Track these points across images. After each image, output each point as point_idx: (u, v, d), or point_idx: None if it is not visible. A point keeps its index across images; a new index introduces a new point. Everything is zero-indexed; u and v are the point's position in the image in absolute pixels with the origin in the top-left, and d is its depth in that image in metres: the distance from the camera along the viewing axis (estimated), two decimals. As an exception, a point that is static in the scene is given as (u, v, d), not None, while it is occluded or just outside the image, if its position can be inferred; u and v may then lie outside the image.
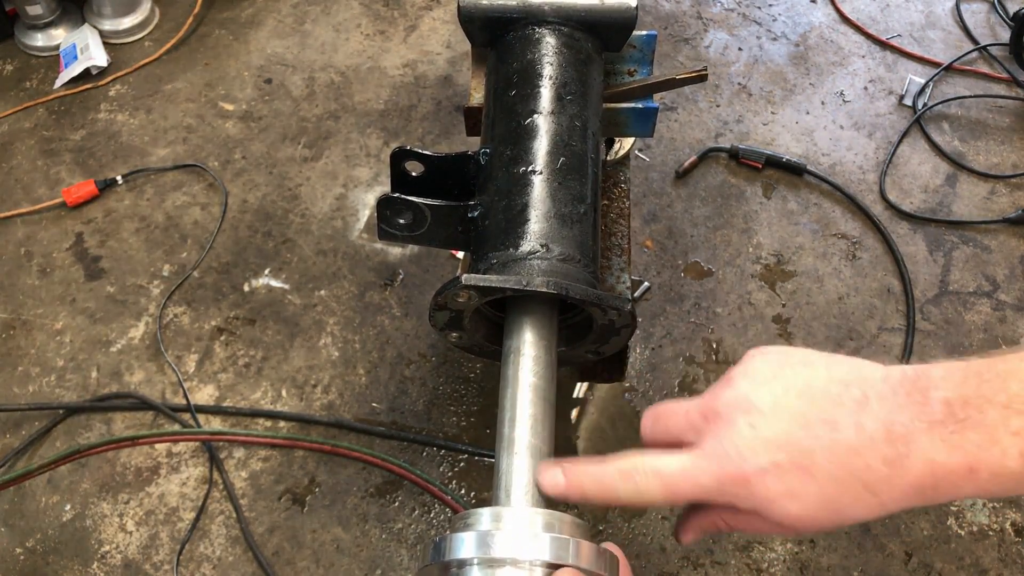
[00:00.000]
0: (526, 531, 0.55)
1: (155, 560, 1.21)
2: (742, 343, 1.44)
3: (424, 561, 0.58)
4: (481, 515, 0.57)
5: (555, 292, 0.69)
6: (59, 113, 1.75)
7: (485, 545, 0.54)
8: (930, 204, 1.65)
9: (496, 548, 0.54)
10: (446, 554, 0.55)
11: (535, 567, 0.53)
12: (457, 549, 0.55)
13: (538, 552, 0.53)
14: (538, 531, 0.55)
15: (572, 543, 0.54)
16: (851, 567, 1.23)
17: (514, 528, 0.55)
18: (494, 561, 0.54)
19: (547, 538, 0.54)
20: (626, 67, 1.00)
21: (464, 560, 0.54)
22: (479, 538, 0.55)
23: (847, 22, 2.00)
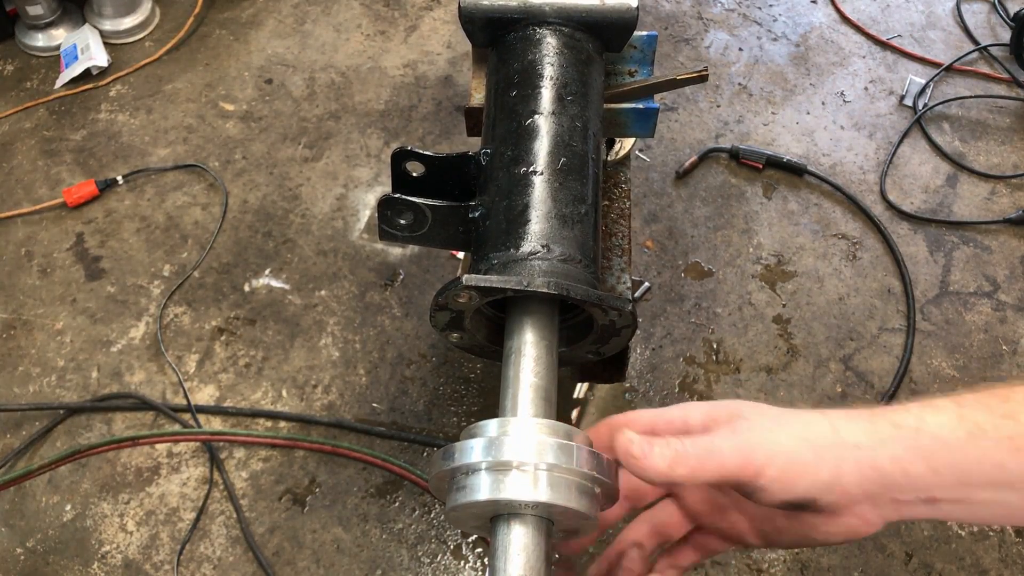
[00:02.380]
0: (532, 435, 0.57)
1: (155, 560, 1.21)
2: (742, 343, 1.44)
3: (434, 469, 0.60)
4: (488, 424, 0.59)
5: (556, 293, 0.69)
6: (60, 113, 1.75)
7: (493, 449, 0.56)
8: (930, 204, 1.65)
9: (504, 452, 0.55)
10: (455, 460, 0.57)
11: (540, 470, 0.55)
12: (466, 454, 0.57)
13: (544, 455, 0.55)
14: (543, 435, 0.57)
15: (575, 448, 0.56)
16: (851, 567, 1.23)
17: (520, 434, 0.57)
18: (501, 464, 0.55)
19: (552, 442, 0.56)
20: (627, 67, 1.00)
21: (472, 465, 0.56)
22: (487, 443, 0.57)
23: (847, 22, 2.00)
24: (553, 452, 0.55)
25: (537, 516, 0.56)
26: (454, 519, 0.59)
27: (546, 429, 0.58)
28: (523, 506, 0.55)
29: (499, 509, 0.56)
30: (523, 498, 0.54)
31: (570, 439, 0.57)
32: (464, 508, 0.56)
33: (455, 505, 0.57)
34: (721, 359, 1.43)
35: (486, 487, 0.55)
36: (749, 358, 1.43)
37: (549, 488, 0.55)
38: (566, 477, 0.55)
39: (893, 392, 1.39)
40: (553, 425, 0.59)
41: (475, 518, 0.58)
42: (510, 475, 0.55)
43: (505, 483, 0.55)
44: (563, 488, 0.55)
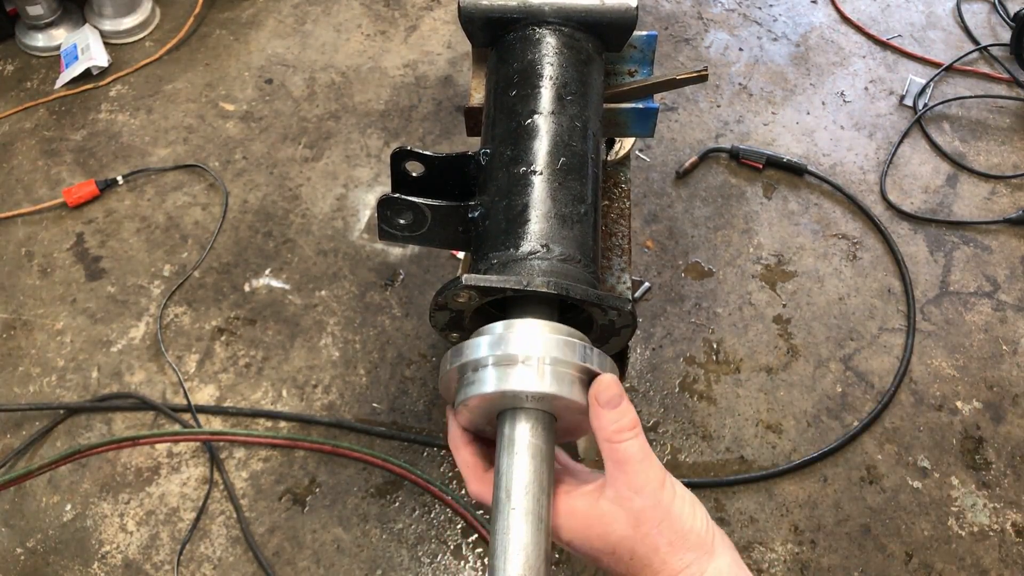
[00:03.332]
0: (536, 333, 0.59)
1: (155, 560, 1.21)
2: (743, 343, 1.44)
3: (444, 367, 0.61)
4: (495, 326, 0.61)
5: (555, 292, 0.69)
6: (60, 113, 1.75)
7: (498, 345, 0.58)
8: (931, 204, 1.65)
9: (510, 347, 0.57)
10: (462, 356, 0.59)
11: (545, 364, 0.57)
12: (472, 351, 0.58)
13: (548, 350, 0.57)
14: (547, 332, 0.59)
15: (578, 344, 0.58)
16: (851, 567, 1.23)
17: (525, 331, 0.59)
18: (507, 358, 0.57)
19: (556, 338, 0.58)
20: (627, 67, 1.00)
21: (479, 360, 0.58)
22: (492, 340, 0.58)
23: (848, 22, 2.00)
24: (556, 347, 0.57)
25: (541, 410, 0.58)
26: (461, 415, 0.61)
27: (549, 328, 0.60)
28: (527, 398, 0.57)
29: (504, 402, 0.58)
30: (528, 389, 0.56)
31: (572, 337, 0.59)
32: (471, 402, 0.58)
33: (463, 399, 0.58)
34: (721, 359, 1.43)
35: (492, 380, 0.57)
36: (749, 358, 1.43)
37: (553, 381, 0.56)
38: (569, 371, 0.57)
39: (893, 392, 1.39)
40: (556, 325, 0.61)
41: (481, 414, 0.60)
42: (516, 368, 0.57)
43: (511, 376, 0.56)
44: (566, 381, 0.57)
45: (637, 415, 0.57)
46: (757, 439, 1.34)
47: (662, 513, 0.55)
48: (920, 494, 1.30)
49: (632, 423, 0.57)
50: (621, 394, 0.58)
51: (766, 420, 1.36)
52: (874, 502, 1.29)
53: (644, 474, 0.55)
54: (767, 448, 1.33)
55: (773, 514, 1.27)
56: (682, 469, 1.31)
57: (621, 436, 0.56)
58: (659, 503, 0.55)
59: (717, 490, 1.29)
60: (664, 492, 0.56)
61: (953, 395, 1.40)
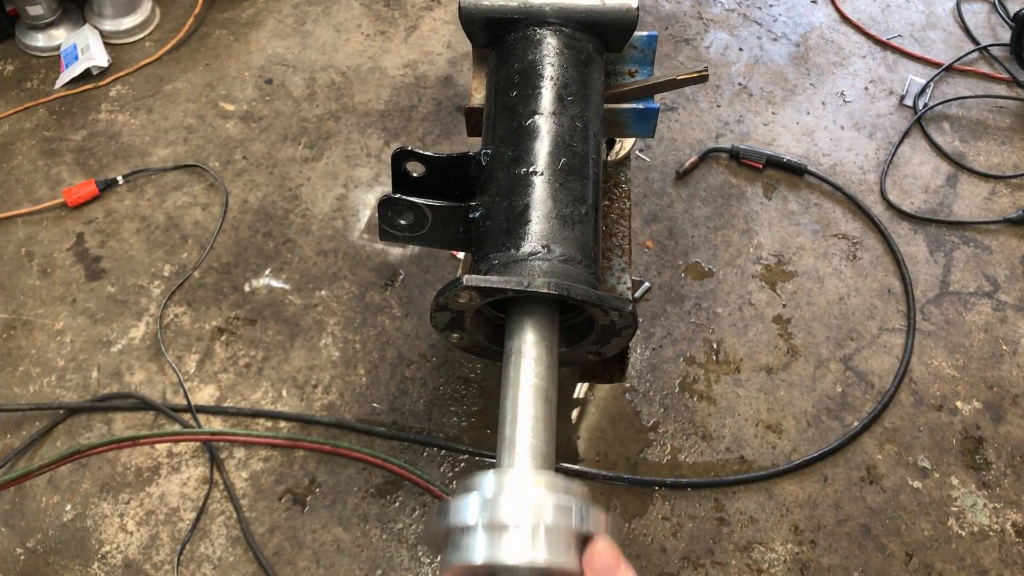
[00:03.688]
0: (528, 495, 0.56)
1: (155, 560, 1.21)
2: (743, 343, 1.44)
3: (430, 525, 0.59)
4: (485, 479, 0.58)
5: (556, 293, 0.69)
6: (60, 113, 1.75)
7: (488, 508, 0.55)
8: (931, 204, 1.65)
9: (500, 513, 0.55)
10: (451, 518, 0.56)
11: (538, 531, 0.54)
12: (461, 513, 0.56)
13: (541, 516, 0.54)
14: (540, 494, 0.56)
15: (573, 506, 0.55)
16: (851, 567, 1.23)
17: (516, 492, 0.56)
18: (498, 524, 0.54)
19: (550, 501, 0.55)
20: (627, 68, 1.00)
21: (468, 525, 0.55)
22: (482, 502, 0.55)
23: (848, 22, 2.00)
24: (550, 512, 0.54)
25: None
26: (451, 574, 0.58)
27: (543, 485, 0.56)
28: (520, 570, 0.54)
29: (496, 572, 0.55)
30: (520, 563, 0.53)
31: (568, 494, 0.56)
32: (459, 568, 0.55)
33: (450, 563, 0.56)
34: (721, 359, 1.43)
35: (482, 549, 0.54)
36: (749, 358, 1.43)
37: (547, 549, 0.54)
38: (564, 538, 0.54)
39: (893, 392, 1.39)
40: (550, 479, 0.57)
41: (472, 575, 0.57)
42: (506, 536, 0.54)
43: (502, 545, 0.54)
44: (562, 548, 0.54)
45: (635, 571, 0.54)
46: (757, 439, 1.34)
47: None
48: (920, 494, 1.30)
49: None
50: (618, 560, 0.54)
51: (766, 420, 1.36)
52: (874, 502, 1.29)
53: None
54: (767, 448, 1.33)
55: (773, 514, 1.27)
56: (682, 469, 1.31)
57: None
58: None
59: (717, 490, 1.29)
60: None
61: (953, 395, 1.40)
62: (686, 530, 1.26)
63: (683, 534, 1.25)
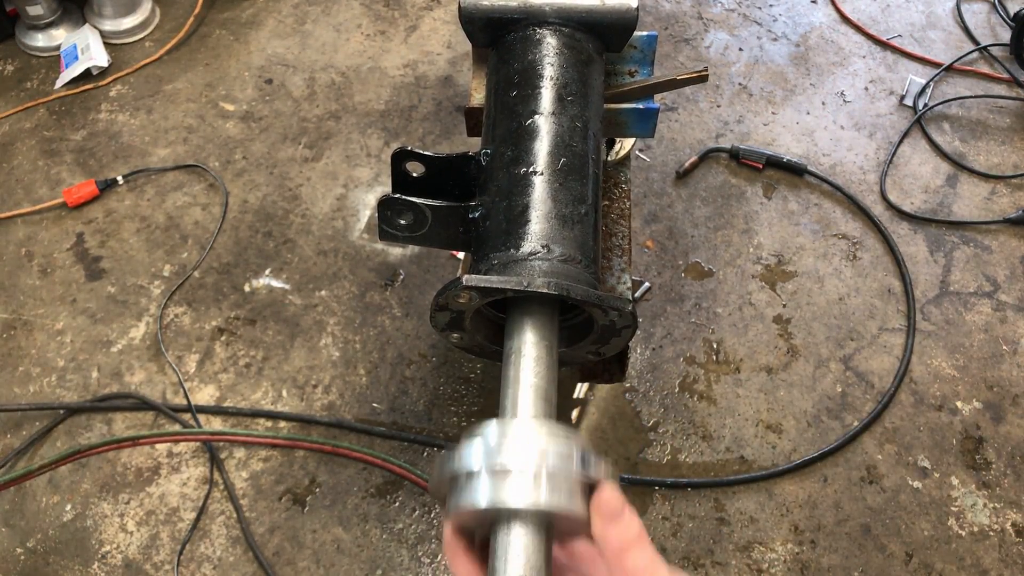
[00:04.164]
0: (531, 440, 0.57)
1: (155, 560, 1.21)
2: (743, 343, 1.44)
3: (435, 474, 0.60)
4: (488, 427, 0.59)
5: (556, 293, 0.69)
6: (60, 113, 1.75)
7: (492, 454, 0.56)
8: (931, 204, 1.65)
9: (503, 456, 0.56)
10: (455, 464, 0.57)
11: (541, 475, 0.55)
12: (465, 459, 0.57)
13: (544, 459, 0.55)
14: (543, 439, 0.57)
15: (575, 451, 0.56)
16: (852, 567, 1.23)
17: (520, 438, 0.57)
18: (502, 469, 0.56)
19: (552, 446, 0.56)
20: (627, 67, 1.00)
21: (472, 470, 0.56)
22: (487, 448, 0.57)
23: (848, 22, 2.00)
24: (553, 456, 0.56)
25: (537, 520, 0.56)
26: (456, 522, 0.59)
27: (545, 431, 0.58)
28: (524, 512, 0.55)
29: (500, 515, 0.56)
30: (523, 504, 0.54)
31: (568, 440, 0.57)
32: (464, 513, 0.56)
33: (455, 511, 0.57)
34: (721, 359, 1.43)
35: (486, 492, 0.55)
36: (749, 358, 1.43)
37: (549, 492, 0.55)
38: (566, 482, 0.55)
39: (893, 392, 1.39)
40: (551, 426, 0.59)
41: (475, 523, 0.58)
42: (510, 479, 0.55)
43: (505, 488, 0.55)
44: (563, 492, 0.55)
45: (641, 523, 0.55)
46: (757, 439, 1.34)
47: None
48: (920, 494, 1.30)
49: (637, 534, 0.55)
50: (623, 505, 0.56)
51: (766, 420, 1.36)
52: (874, 502, 1.29)
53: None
54: (767, 448, 1.33)
55: (773, 514, 1.27)
56: (682, 469, 1.31)
57: (627, 550, 0.54)
58: None
59: (717, 490, 1.29)
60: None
61: (953, 395, 1.40)
62: (686, 530, 1.26)
63: (683, 534, 1.25)
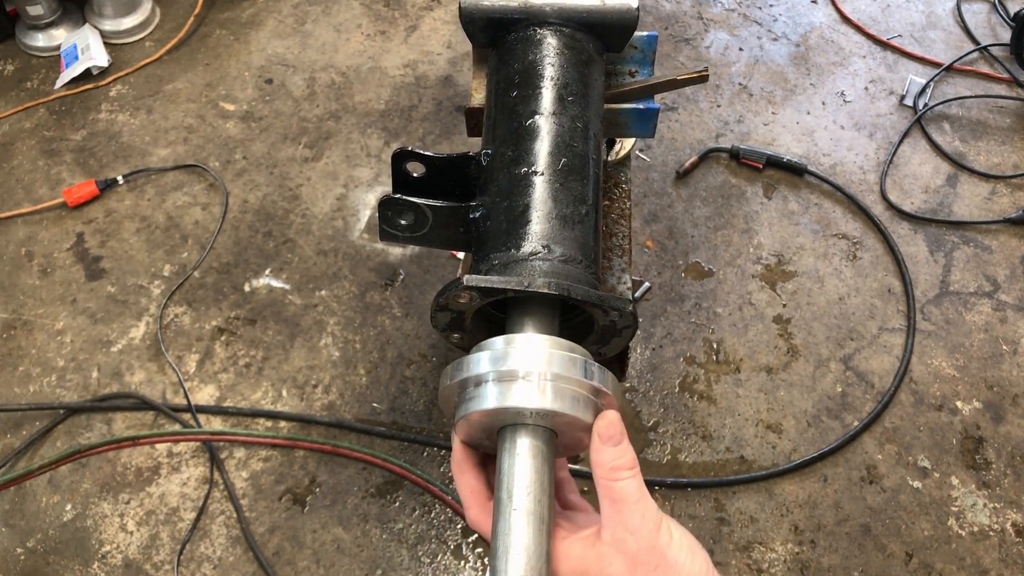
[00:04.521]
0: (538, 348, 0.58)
1: (156, 560, 1.21)
2: (743, 343, 1.44)
3: (444, 382, 0.61)
4: (496, 340, 0.60)
5: (557, 293, 0.69)
6: (60, 113, 1.75)
7: (499, 360, 0.57)
8: (931, 204, 1.65)
9: (510, 363, 0.57)
10: (463, 372, 0.58)
11: (546, 380, 0.56)
12: (473, 366, 0.58)
13: (549, 366, 0.57)
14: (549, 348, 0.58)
15: (579, 360, 0.58)
16: (852, 567, 1.23)
17: (527, 346, 0.59)
18: (508, 374, 0.57)
19: (558, 354, 0.58)
20: (627, 68, 1.00)
21: (480, 376, 0.58)
22: (493, 355, 0.58)
23: (848, 22, 2.00)
24: (558, 363, 0.57)
25: (542, 425, 0.57)
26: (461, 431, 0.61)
27: (551, 343, 0.59)
28: (529, 414, 0.56)
29: (506, 418, 0.57)
30: (529, 405, 0.56)
31: (574, 351, 0.59)
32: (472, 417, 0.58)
33: (463, 415, 0.58)
34: (721, 359, 1.43)
35: (493, 396, 0.56)
36: (749, 358, 1.43)
37: (554, 397, 0.56)
38: (570, 388, 0.57)
39: (893, 392, 1.39)
40: (558, 340, 0.60)
41: (481, 430, 0.60)
42: (516, 384, 0.56)
43: (512, 392, 0.56)
44: (567, 398, 0.57)
45: (636, 456, 0.57)
46: (757, 439, 1.34)
47: (658, 557, 0.55)
48: (920, 494, 1.30)
49: (631, 463, 0.56)
50: (623, 432, 0.58)
51: (766, 420, 1.36)
52: (874, 502, 1.29)
53: (639, 515, 0.55)
54: (767, 448, 1.33)
55: (773, 514, 1.27)
56: (682, 469, 1.31)
57: (618, 474, 0.56)
58: (655, 547, 0.55)
59: (717, 490, 1.29)
60: (660, 535, 0.55)
61: (953, 395, 1.40)
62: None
63: (683, 534, 1.25)
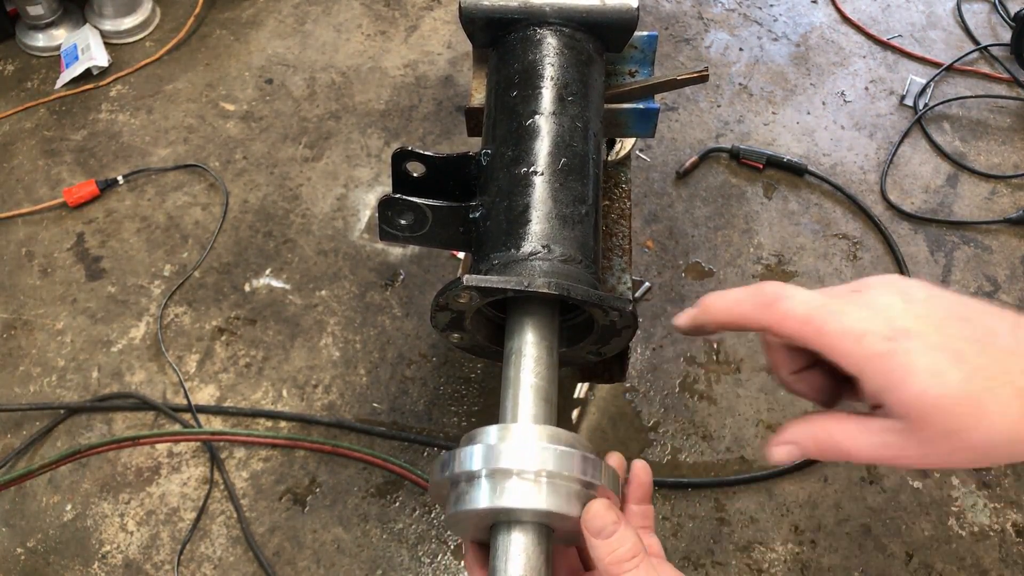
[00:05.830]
0: (532, 443, 0.56)
1: (156, 560, 1.21)
2: (743, 343, 1.44)
3: (434, 476, 0.59)
4: (488, 431, 0.58)
5: (556, 293, 0.69)
6: (60, 113, 1.75)
7: (492, 456, 0.55)
8: (931, 204, 1.65)
9: (503, 459, 0.55)
10: (454, 467, 0.57)
11: (541, 477, 0.54)
12: (464, 462, 0.56)
13: (544, 462, 0.55)
14: (543, 442, 0.56)
15: (575, 454, 0.56)
16: (852, 567, 1.23)
17: (520, 441, 0.57)
18: (501, 472, 0.55)
19: (552, 449, 0.55)
20: (627, 68, 1.00)
21: (472, 472, 0.56)
22: (486, 450, 0.56)
23: (848, 22, 2.00)
24: (553, 459, 0.55)
25: (537, 523, 0.55)
26: (454, 526, 0.59)
27: (546, 436, 0.57)
28: (523, 513, 0.55)
29: (499, 517, 0.56)
30: (523, 506, 0.54)
31: (570, 446, 0.57)
32: (464, 516, 0.56)
33: (455, 512, 0.56)
34: (722, 359, 1.43)
35: (486, 495, 0.55)
36: (750, 358, 1.43)
37: (549, 495, 0.54)
38: (566, 484, 0.55)
39: (893, 392, 1.39)
40: (553, 431, 0.58)
41: (475, 526, 0.58)
42: (510, 482, 0.54)
43: (505, 490, 0.54)
44: (563, 495, 0.55)
45: (637, 538, 0.54)
46: (757, 439, 1.34)
47: None
48: (920, 494, 1.30)
49: (631, 551, 0.52)
50: (616, 519, 0.54)
51: (767, 420, 1.36)
52: (874, 502, 1.29)
53: None
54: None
55: (773, 514, 1.27)
56: (682, 469, 1.31)
57: (621, 568, 0.52)
58: None
59: (717, 490, 1.29)
60: None
61: (953, 395, 1.40)
62: (686, 530, 1.26)
63: (683, 534, 1.25)
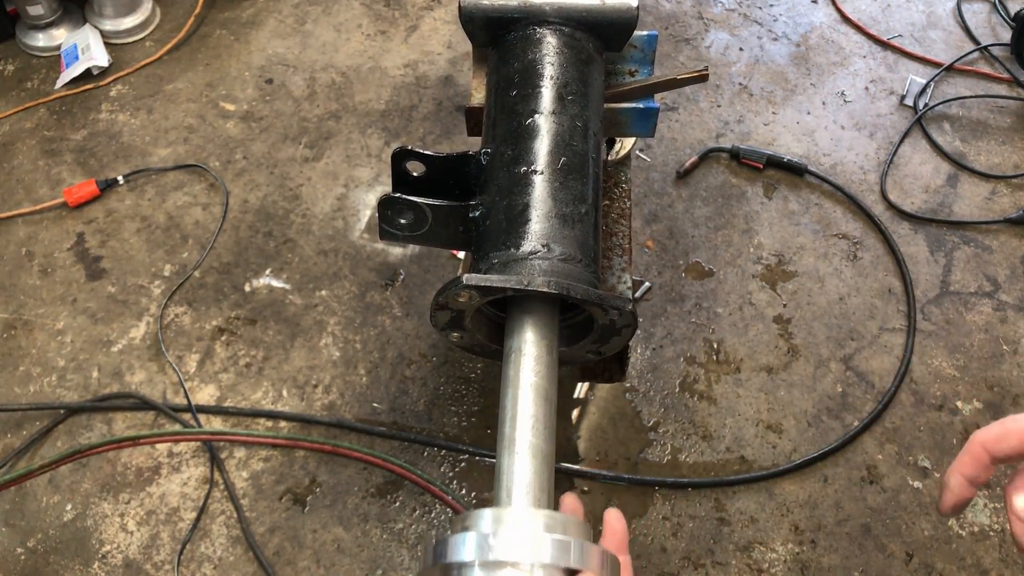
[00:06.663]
0: (527, 533, 0.55)
1: (156, 560, 1.21)
2: (743, 343, 1.44)
3: (425, 563, 0.58)
4: (481, 516, 0.57)
5: (556, 292, 0.69)
6: (60, 113, 1.75)
7: (485, 547, 0.54)
8: (931, 204, 1.65)
9: (496, 551, 0.53)
10: (446, 556, 0.55)
11: (536, 569, 0.53)
12: (457, 551, 0.54)
13: (539, 554, 0.53)
14: (539, 532, 0.55)
15: (574, 544, 0.54)
16: (852, 567, 1.23)
17: (514, 530, 0.55)
18: (494, 564, 0.53)
19: (548, 539, 0.54)
20: (627, 67, 1.00)
21: (464, 563, 0.54)
22: (479, 540, 0.54)
23: (848, 22, 2.00)
24: (549, 550, 0.53)
25: None
26: None
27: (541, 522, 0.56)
28: None
29: None
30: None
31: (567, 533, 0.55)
32: None
33: None
34: (722, 359, 1.43)
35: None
36: (749, 358, 1.43)
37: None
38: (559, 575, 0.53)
39: (894, 392, 1.39)
40: (549, 516, 0.56)
41: None
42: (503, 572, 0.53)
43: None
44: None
45: None
46: (757, 439, 1.34)
47: None
48: (921, 494, 1.30)
49: None
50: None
51: (766, 420, 1.36)
52: (874, 502, 1.29)
53: None
54: (767, 448, 1.33)
55: (773, 514, 1.27)
56: (682, 469, 1.31)
57: None
58: None
59: (717, 490, 1.29)
60: None
61: (953, 395, 1.40)
62: (686, 530, 1.25)
63: (683, 534, 1.25)
